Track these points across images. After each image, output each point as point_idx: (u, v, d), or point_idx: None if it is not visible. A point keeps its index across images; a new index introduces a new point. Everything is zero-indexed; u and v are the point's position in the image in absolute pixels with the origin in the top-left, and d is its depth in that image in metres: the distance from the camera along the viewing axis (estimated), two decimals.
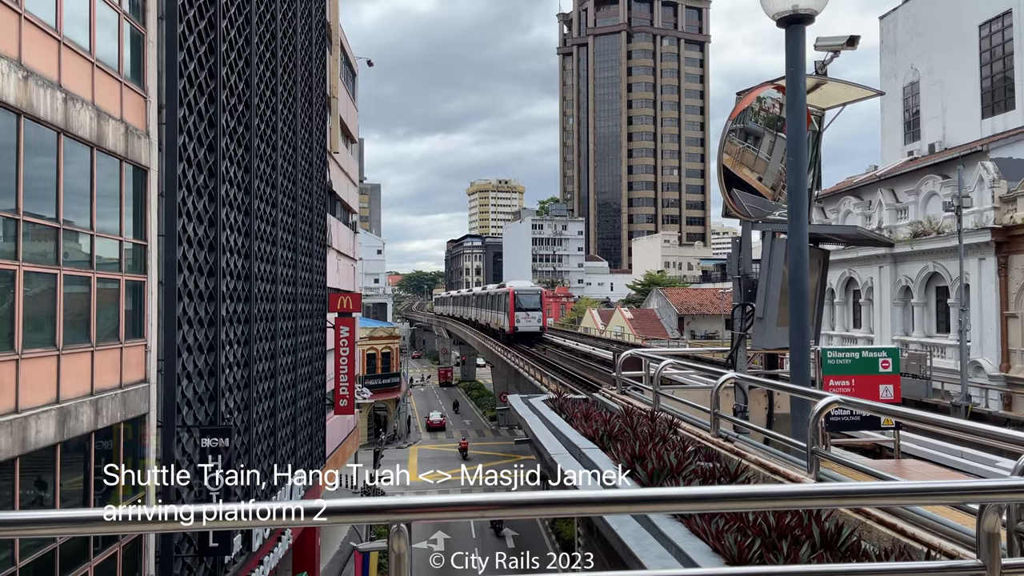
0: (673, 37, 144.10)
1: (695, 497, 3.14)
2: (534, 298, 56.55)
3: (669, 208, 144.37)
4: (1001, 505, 2.90)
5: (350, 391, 26.48)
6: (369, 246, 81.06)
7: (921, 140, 35.91)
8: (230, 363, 15.77)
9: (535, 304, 56.23)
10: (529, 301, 56.10)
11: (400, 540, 2.58)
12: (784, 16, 7.16)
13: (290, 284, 20.75)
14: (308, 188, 23.09)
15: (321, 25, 25.14)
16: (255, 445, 17.34)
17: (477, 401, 74.71)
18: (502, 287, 62.58)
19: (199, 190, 14.08)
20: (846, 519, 4.33)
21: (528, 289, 57.94)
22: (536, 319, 56.04)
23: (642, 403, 9.72)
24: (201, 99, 14.13)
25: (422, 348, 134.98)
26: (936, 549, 3.71)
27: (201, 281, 14.15)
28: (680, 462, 5.73)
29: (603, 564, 5.80)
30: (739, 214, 9.75)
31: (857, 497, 3.00)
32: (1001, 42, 31.31)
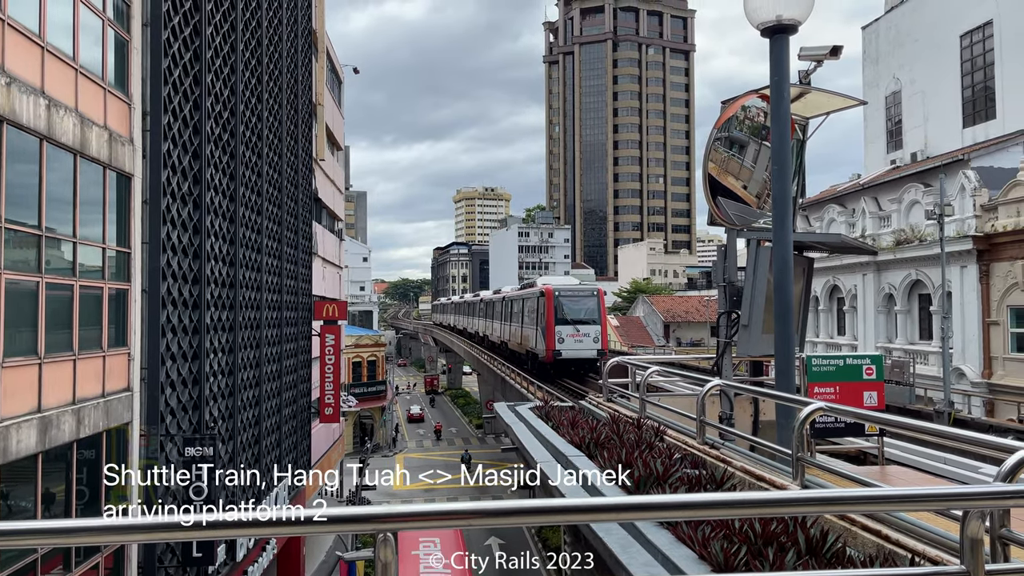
0: (658, 46, 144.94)
1: (681, 504, 3.14)
2: (587, 303, 35.27)
3: (655, 216, 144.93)
4: (984, 511, 2.93)
5: (336, 399, 26.35)
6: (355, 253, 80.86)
7: (904, 149, 36.26)
8: (214, 371, 15.67)
9: (589, 313, 34.91)
10: (579, 308, 34.92)
11: (387, 549, 2.57)
12: (768, 26, 7.22)
13: (275, 292, 20.66)
14: (294, 195, 23.02)
15: (307, 32, 25.11)
16: (240, 454, 17.22)
17: (464, 409, 74.51)
18: (529, 286, 41.52)
19: (184, 197, 14.01)
20: (831, 525, 4.34)
21: (576, 289, 36.35)
22: (592, 337, 34.24)
23: (629, 411, 9.73)
24: (186, 106, 14.07)
25: (408, 356, 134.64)
26: (920, 555, 3.73)
27: (185, 289, 14.07)
28: (666, 469, 5.74)
29: (590, 572, 5.79)
30: (724, 222, 9.80)
31: (842, 504, 3.02)
32: (982, 52, 31.69)
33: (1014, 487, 3.02)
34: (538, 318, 36.25)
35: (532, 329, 37.48)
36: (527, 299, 39.71)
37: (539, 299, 36.40)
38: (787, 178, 7.11)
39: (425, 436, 61.24)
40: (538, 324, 36.12)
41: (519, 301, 42.41)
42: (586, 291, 36.60)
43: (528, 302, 39.35)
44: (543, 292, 35.60)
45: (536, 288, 37.99)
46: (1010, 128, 29.45)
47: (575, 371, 35.79)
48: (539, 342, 35.68)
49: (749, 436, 7.40)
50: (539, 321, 36.08)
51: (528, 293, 39.73)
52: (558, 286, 36.41)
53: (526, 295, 40.37)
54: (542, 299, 35.73)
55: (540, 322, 35.75)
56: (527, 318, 39.37)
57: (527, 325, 39.16)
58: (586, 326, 34.84)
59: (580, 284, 39.95)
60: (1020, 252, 23.72)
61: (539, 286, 37.94)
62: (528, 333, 38.54)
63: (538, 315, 36.26)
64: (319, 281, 28.42)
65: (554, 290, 35.26)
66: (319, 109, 27.96)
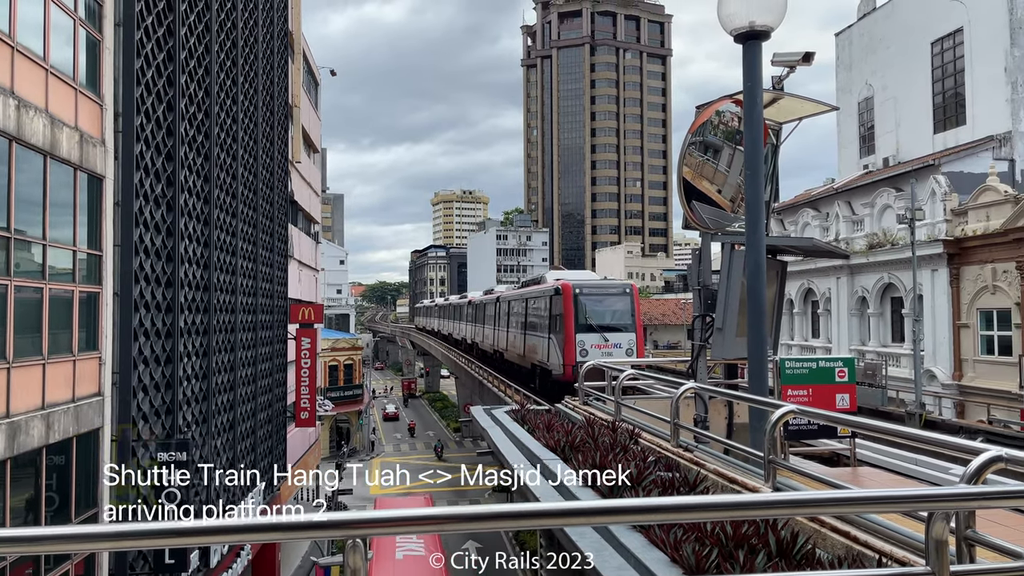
0: (636, 50, 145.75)
1: (653, 508, 3.15)
2: (618, 304, 27.21)
3: (632, 219, 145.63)
4: (949, 512, 2.97)
5: (311, 403, 26.18)
6: (332, 256, 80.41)
7: (876, 154, 36.73)
8: (188, 375, 15.51)
9: (621, 316, 26.95)
10: (607, 310, 27.09)
11: (356, 555, 2.55)
12: (741, 32, 7.28)
13: (250, 295, 20.50)
14: (269, 198, 22.86)
15: (283, 34, 24.97)
16: (214, 459, 17.05)
17: (441, 412, 74.37)
18: (533, 282, 34.12)
19: (157, 199, 13.86)
20: (801, 527, 4.39)
21: (602, 287, 28.20)
22: (625, 348, 26.09)
23: (604, 414, 9.77)
24: (159, 107, 13.94)
25: (385, 359, 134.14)
26: (888, 556, 3.78)
27: (158, 292, 13.91)
28: (640, 472, 5.77)
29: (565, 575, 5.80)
30: (699, 226, 9.87)
31: (811, 506, 3.05)
32: (952, 59, 32.20)
33: (977, 489, 3.07)
34: (551, 323, 27.92)
35: (542, 338, 28.97)
36: (534, 299, 31.30)
37: (553, 299, 27.91)
38: (760, 182, 7.18)
39: (402, 440, 61.09)
40: (551, 331, 27.77)
41: (521, 302, 33.80)
42: (616, 288, 27.84)
43: (535, 303, 31.04)
44: (559, 290, 27.27)
45: (548, 285, 29.51)
46: (979, 134, 29.95)
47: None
48: (552, 354, 27.23)
49: (722, 439, 7.45)
50: (553, 327, 27.65)
51: (535, 292, 31.35)
52: (578, 282, 27.76)
53: (532, 294, 31.77)
54: (557, 299, 27.34)
55: (554, 328, 27.49)
56: (534, 323, 31.04)
57: (534, 332, 30.84)
58: (617, 334, 26.17)
59: (606, 279, 31.04)
60: (989, 256, 24.11)
61: (551, 282, 29.92)
62: (535, 343, 29.96)
63: (551, 319, 28.03)
64: (295, 284, 28.24)
65: (574, 287, 26.76)
66: (295, 111, 27.80)
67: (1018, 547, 3.26)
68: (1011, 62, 29.07)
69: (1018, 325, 22.86)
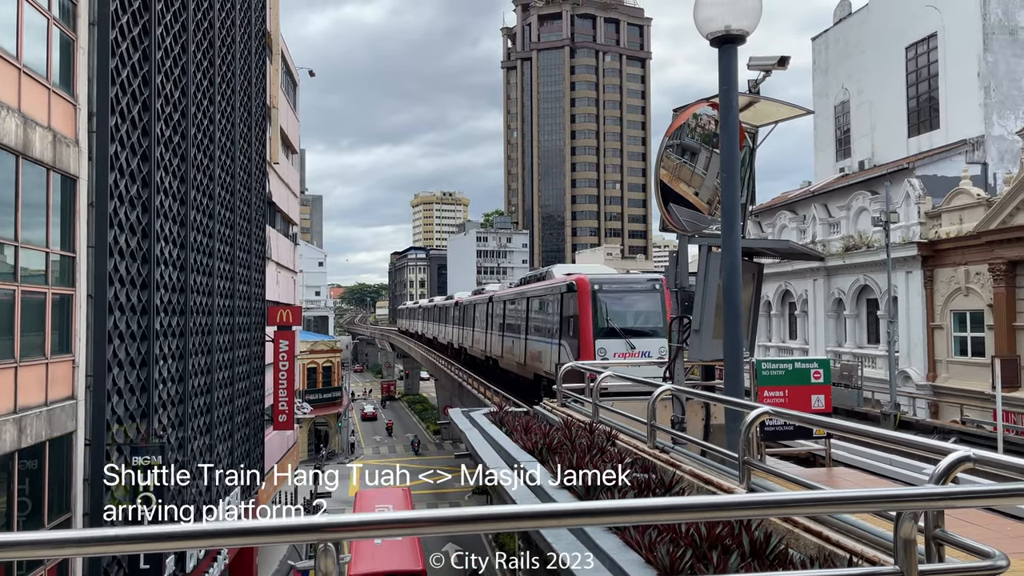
0: (615, 53, 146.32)
1: (627, 510, 3.17)
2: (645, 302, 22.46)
3: (612, 221, 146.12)
4: (917, 512, 3.01)
5: (289, 406, 26.02)
6: (310, 258, 79.98)
7: (852, 157, 37.13)
8: (164, 378, 15.36)
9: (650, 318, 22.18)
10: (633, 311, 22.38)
11: (327, 559, 2.54)
12: (717, 36, 7.34)
13: (227, 297, 20.34)
14: (247, 199, 22.71)
15: (261, 34, 24.82)
16: (190, 463, 16.89)
17: (421, 415, 74.19)
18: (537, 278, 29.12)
19: (132, 200, 13.72)
20: (775, 527, 4.42)
21: (626, 282, 23.53)
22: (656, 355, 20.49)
23: (582, 415, 9.79)
24: (135, 107, 13.79)
25: (365, 361, 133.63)
26: (859, 555, 3.82)
27: (133, 294, 13.77)
28: (616, 474, 5.79)
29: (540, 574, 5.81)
30: (676, 228, 9.92)
31: (782, 507, 3.08)
32: (927, 64, 32.62)
33: (944, 489, 3.11)
34: (561, 326, 23.18)
35: (548, 343, 24.07)
36: (539, 298, 26.25)
37: (564, 297, 23.04)
38: (736, 185, 7.24)
39: (382, 442, 60.88)
40: (562, 335, 23.08)
41: (520, 302, 28.83)
42: (642, 283, 23.05)
43: (540, 302, 26.04)
44: (572, 286, 22.45)
45: (557, 280, 24.64)
46: (953, 138, 30.36)
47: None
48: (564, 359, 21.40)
49: (698, 440, 7.50)
50: (564, 331, 23.00)
51: (539, 290, 26.41)
52: (596, 277, 22.89)
53: (536, 292, 26.86)
54: (570, 297, 22.54)
55: (566, 332, 22.81)
56: (538, 326, 26.01)
57: (538, 336, 25.75)
58: (645, 339, 21.63)
59: (619, 274, 26.29)
60: (962, 258, 24.44)
61: (559, 276, 25.15)
62: (540, 349, 24.69)
63: (561, 322, 23.21)
64: (273, 286, 28.05)
65: (592, 282, 22.06)
66: (273, 112, 27.64)
67: (986, 546, 3.30)
68: (984, 67, 29.50)
69: (990, 326, 23.20)
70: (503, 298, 32.61)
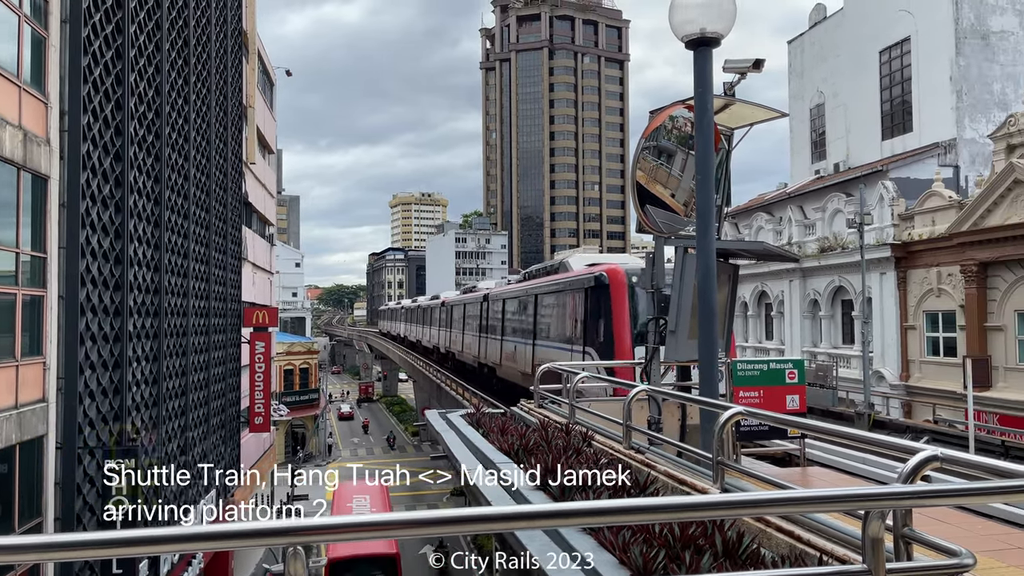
0: (594, 55, 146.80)
1: (600, 510, 3.17)
2: None
3: (590, 223, 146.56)
4: (884, 511, 3.04)
5: (266, 408, 25.82)
6: (287, 259, 79.46)
7: (827, 159, 37.51)
8: (137, 381, 15.18)
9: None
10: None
11: (297, 562, 2.53)
12: (692, 39, 7.38)
13: (203, 298, 20.14)
14: (222, 199, 22.51)
15: (237, 33, 24.62)
16: (164, 466, 16.70)
17: (399, 416, 73.99)
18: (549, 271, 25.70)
19: (104, 200, 13.54)
20: (747, 527, 4.45)
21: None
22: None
23: (559, 416, 9.80)
24: (107, 106, 13.62)
25: (342, 363, 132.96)
26: (829, 554, 3.85)
27: (106, 295, 13.59)
28: (591, 475, 5.80)
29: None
30: (652, 229, 9.96)
31: (753, 507, 3.10)
32: (900, 68, 33.04)
33: (911, 488, 3.15)
34: (587, 329, 19.30)
35: (568, 351, 20.31)
36: (554, 294, 22.45)
37: (591, 294, 19.19)
38: (710, 187, 7.28)
39: (359, 444, 60.63)
40: (588, 340, 19.25)
41: (527, 300, 24.90)
42: None
43: (557, 300, 22.25)
44: (602, 280, 18.65)
45: (580, 273, 20.69)
46: (926, 141, 30.76)
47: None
48: None
49: (673, 441, 7.53)
50: (591, 335, 19.13)
51: (555, 284, 22.54)
52: (632, 268, 18.56)
53: (550, 288, 22.91)
54: (600, 294, 18.70)
55: (593, 337, 18.99)
56: (552, 330, 22.34)
57: (552, 343, 21.97)
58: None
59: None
60: (935, 259, 24.77)
61: (579, 268, 21.34)
62: (555, 358, 18.92)
63: (587, 323, 19.31)
64: (249, 287, 27.83)
65: (628, 275, 18.23)
66: (250, 111, 27.43)
67: (954, 545, 3.34)
68: (956, 71, 29.92)
69: (962, 327, 23.53)
70: (502, 296, 28.45)
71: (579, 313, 19.87)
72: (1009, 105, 29.23)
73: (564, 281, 21.74)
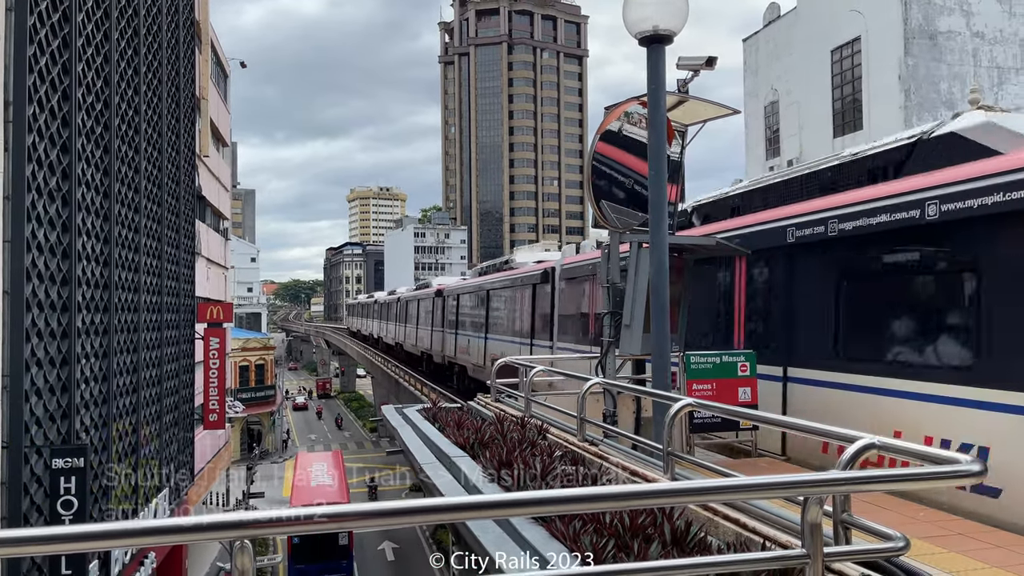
0: (553, 50, 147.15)
1: (549, 500, 3.22)
2: None
3: (550, 218, 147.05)
4: (823, 497, 3.14)
5: (221, 405, 25.47)
6: (242, 253, 78.28)
7: (781, 156, 38.14)
8: (86, 378, 14.85)
9: None
10: None
11: (244, 556, 2.52)
12: (645, 36, 7.47)
13: (155, 293, 19.78)
14: (175, 193, 22.11)
15: (189, 23, 24.17)
16: (116, 464, 16.38)
17: (357, 412, 73.54)
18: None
19: (51, 193, 13.21)
20: (696, 516, 4.55)
21: None
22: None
23: (515, 410, 9.86)
24: (54, 96, 13.28)
25: (299, 359, 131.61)
26: (772, 540, 3.96)
27: (53, 290, 13.27)
28: (545, 467, 5.86)
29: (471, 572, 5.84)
30: (607, 225, 10.04)
31: (696, 494, 3.17)
32: (851, 67, 33.74)
33: (847, 474, 3.25)
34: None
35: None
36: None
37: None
38: (662, 182, 7.38)
39: (317, 440, 60.14)
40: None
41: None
42: None
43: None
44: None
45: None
46: (875, 139, 31.42)
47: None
48: None
49: (627, 433, 7.64)
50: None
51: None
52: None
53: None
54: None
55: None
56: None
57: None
58: None
59: None
60: None
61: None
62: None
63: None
64: (203, 282, 27.40)
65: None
66: (203, 103, 26.97)
67: (889, 529, 3.46)
68: (904, 71, 30.64)
69: None
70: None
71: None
72: (955, 104, 30.00)
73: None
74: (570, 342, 16.78)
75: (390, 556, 34.90)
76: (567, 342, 16.95)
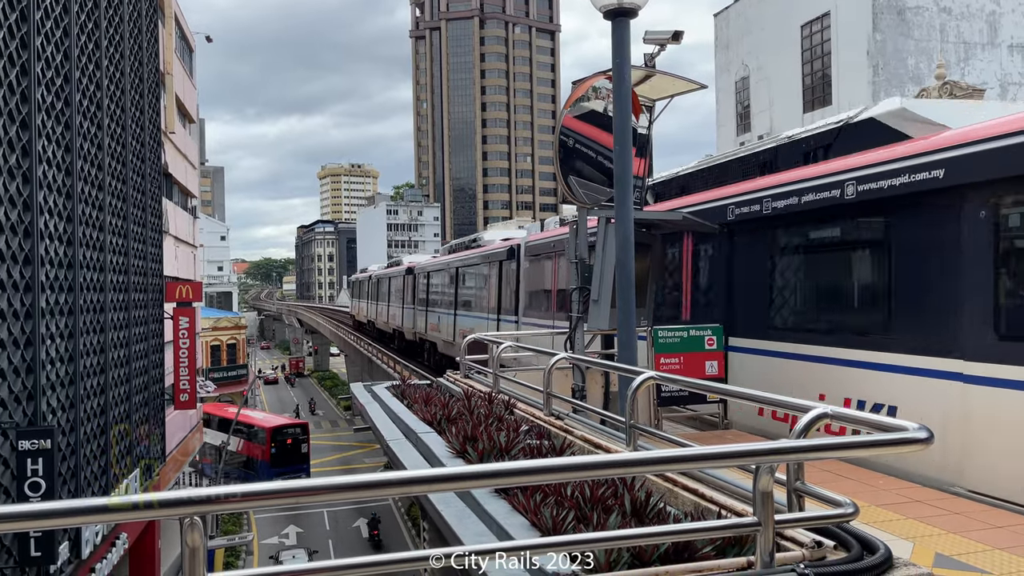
0: (525, 25, 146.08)
1: (508, 472, 3.25)
2: None
3: (523, 195, 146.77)
4: (774, 466, 3.20)
5: (191, 385, 25.28)
6: (212, 232, 77.35)
7: (752, 132, 38.32)
8: (52, 359, 14.64)
9: None
10: None
11: (194, 533, 2.52)
12: (610, 9, 7.44)
13: (121, 272, 19.50)
14: (140, 170, 21.74)
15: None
16: (83, 445, 16.22)
17: (331, 391, 73.39)
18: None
19: (11, 171, 12.93)
20: (656, 487, 4.62)
21: None
22: None
23: (484, 386, 9.89)
24: (12, 71, 12.95)
25: (272, 338, 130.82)
26: (728, 509, 4.03)
27: (15, 270, 13.03)
28: (510, 441, 5.90)
29: (436, 545, 5.89)
30: (575, 200, 10.05)
31: (651, 464, 3.22)
32: (820, 42, 33.88)
33: (798, 443, 3.31)
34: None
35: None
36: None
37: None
38: (628, 157, 7.39)
39: None
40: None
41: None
42: None
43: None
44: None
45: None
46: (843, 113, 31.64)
47: None
48: None
49: (593, 408, 7.70)
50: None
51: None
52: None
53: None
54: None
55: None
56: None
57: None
58: None
59: None
60: None
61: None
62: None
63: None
64: (171, 261, 27.05)
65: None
66: (168, 79, 26.47)
67: (839, 496, 3.54)
68: (873, 46, 30.84)
69: None
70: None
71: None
72: (923, 79, 30.28)
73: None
74: (535, 317, 17.32)
75: (364, 533, 35.06)
76: (532, 317, 17.58)
